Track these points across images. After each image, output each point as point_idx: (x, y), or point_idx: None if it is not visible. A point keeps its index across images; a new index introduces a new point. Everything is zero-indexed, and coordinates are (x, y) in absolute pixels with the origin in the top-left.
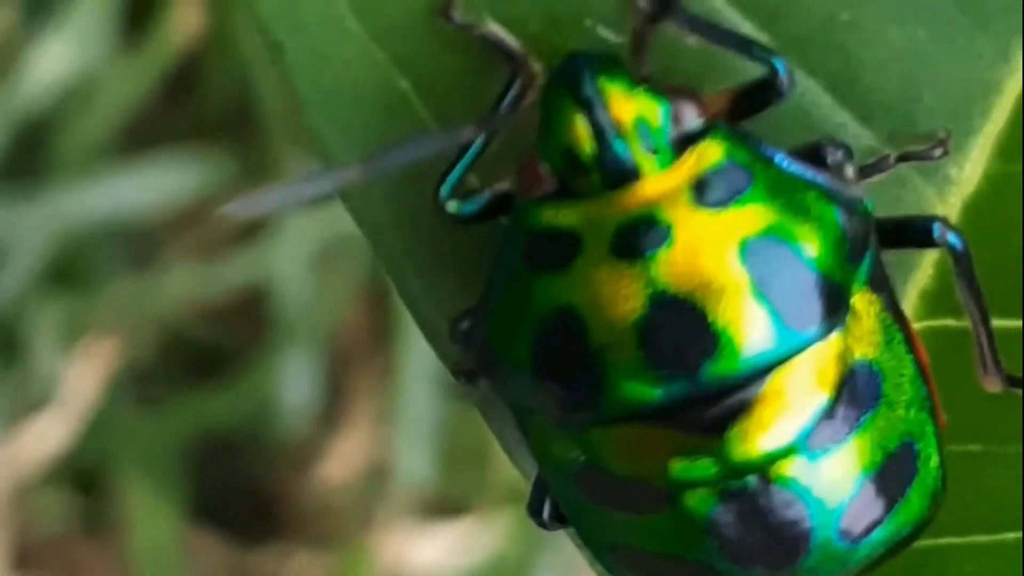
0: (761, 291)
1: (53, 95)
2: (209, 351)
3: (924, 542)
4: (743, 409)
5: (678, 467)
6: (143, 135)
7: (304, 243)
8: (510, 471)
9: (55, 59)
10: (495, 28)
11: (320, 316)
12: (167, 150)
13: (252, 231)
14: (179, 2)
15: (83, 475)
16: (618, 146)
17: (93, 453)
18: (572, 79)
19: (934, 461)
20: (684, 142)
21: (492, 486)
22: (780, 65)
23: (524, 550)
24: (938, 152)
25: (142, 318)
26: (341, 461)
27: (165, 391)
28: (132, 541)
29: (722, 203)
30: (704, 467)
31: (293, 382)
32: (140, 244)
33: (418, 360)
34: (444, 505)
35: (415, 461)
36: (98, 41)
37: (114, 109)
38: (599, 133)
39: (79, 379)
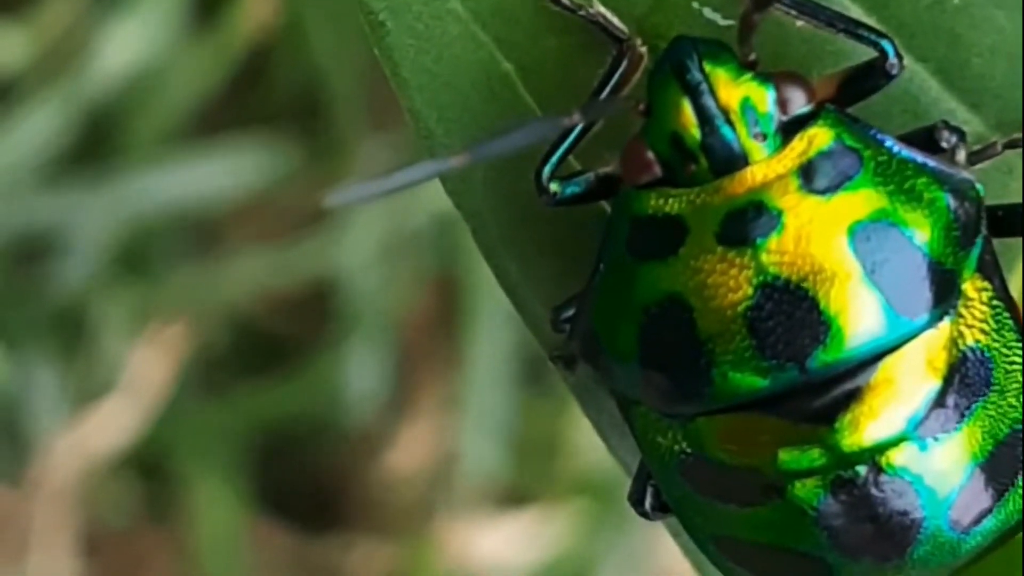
0: (872, 278)
1: (122, 83)
2: (276, 340)
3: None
4: (853, 397)
5: (786, 457)
6: (211, 123)
7: (372, 232)
8: (577, 462)
9: (124, 47)
10: (600, 10)
11: (387, 305)
12: (234, 138)
13: (319, 220)
14: None
15: (149, 463)
16: (725, 132)
17: (159, 441)
18: (679, 64)
19: None
20: (792, 127)
21: (559, 477)
22: (889, 47)
23: (590, 541)
24: None
25: (209, 306)
26: (407, 451)
27: (232, 380)
28: (197, 530)
29: (831, 188)
30: (813, 457)
31: (360, 372)
32: (207, 232)
33: (485, 349)
34: (510, 496)
35: (481, 451)
36: (167, 28)
37: (183, 97)
38: (706, 119)
39: (146, 367)
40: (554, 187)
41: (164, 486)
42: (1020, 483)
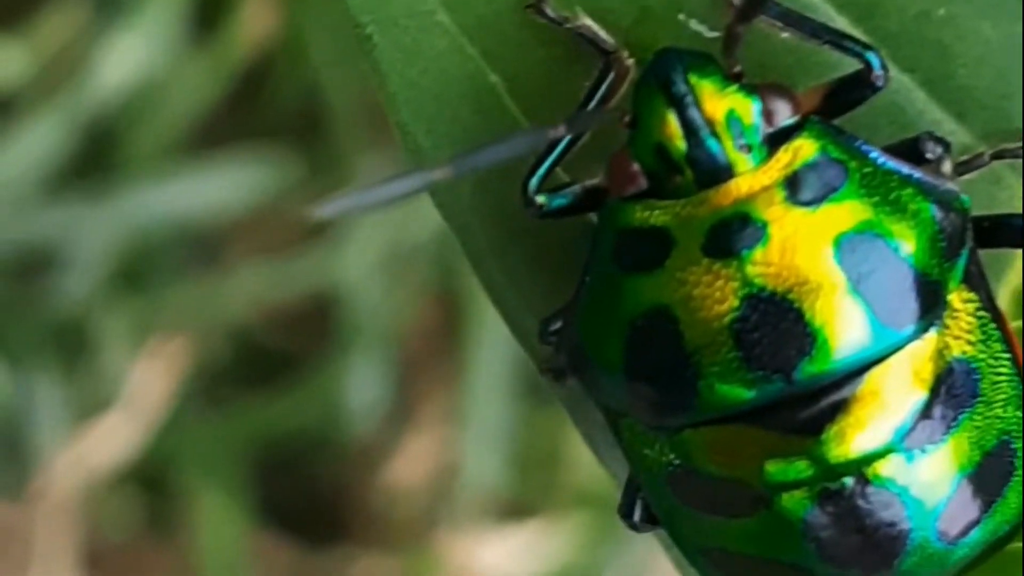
0: (857, 289)
1: (122, 97)
2: (277, 354)
3: (1013, 546)
4: (839, 409)
5: (773, 469)
6: (211, 137)
7: (372, 246)
8: (579, 474)
9: (124, 60)
10: (587, 22)
11: (388, 319)
12: (235, 152)
13: (320, 233)
14: (248, 4)
15: (151, 477)
16: (710, 144)
17: (161, 455)
18: (664, 76)
19: None
20: (778, 139)
21: (561, 489)
22: (874, 59)
23: (592, 554)
24: None
25: (209, 320)
26: (409, 464)
27: (233, 394)
28: (199, 544)
29: (817, 200)
30: (800, 468)
31: (361, 385)
32: (207, 246)
33: (487, 362)
34: (512, 509)
35: (483, 464)
36: (167, 42)
37: (182, 110)
38: (691, 131)
39: (147, 381)
40: (541, 199)
41: (166, 500)
42: (1008, 494)
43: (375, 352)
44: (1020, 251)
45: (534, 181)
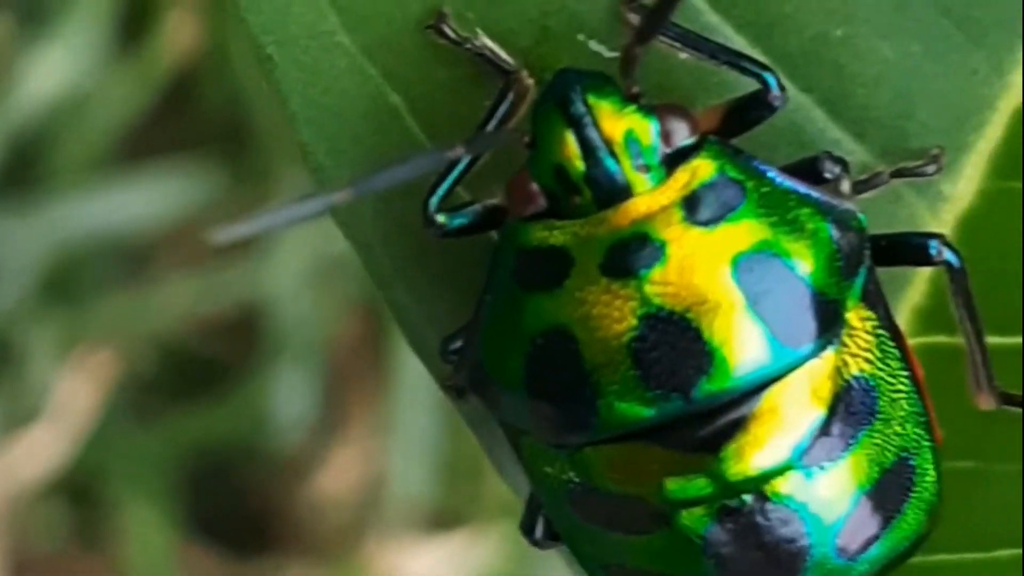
0: (755, 308)
1: (47, 109)
2: (205, 365)
3: (917, 560)
4: (738, 427)
5: (673, 486)
6: (137, 149)
7: (300, 257)
8: (505, 485)
9: (48, 71)
10: (487, 42)
11: (316, 330)
12: (160, 164)
13: (247, 245)
14: (172, 16)
15: (78, 489)
16: (609, 164)
17: (88, 466)
18: (562, 96)
19: (931, 476)
20: (676, 159)
21: (487, 499)
22: (771, 79)
23: (519, 564)
24: (931, 168)
25: (137, 331)
26: (336, 474)
27: (161, 405)
28: (127, 555)
29: (715, 220)
30: (699, 486)
31: (289, 395)
32: (134, 257)
33: (414, 374)
34: (439, 519)
35: (410, 474)
36: (91, 53)
37: (108, 123)
38: (589, 151)
39: (74, 392)
40: (441, 219)
41: (94, 511)
42: (907, 510)
43: (302, 363)
44: (918, 269)
45: (434, 200)
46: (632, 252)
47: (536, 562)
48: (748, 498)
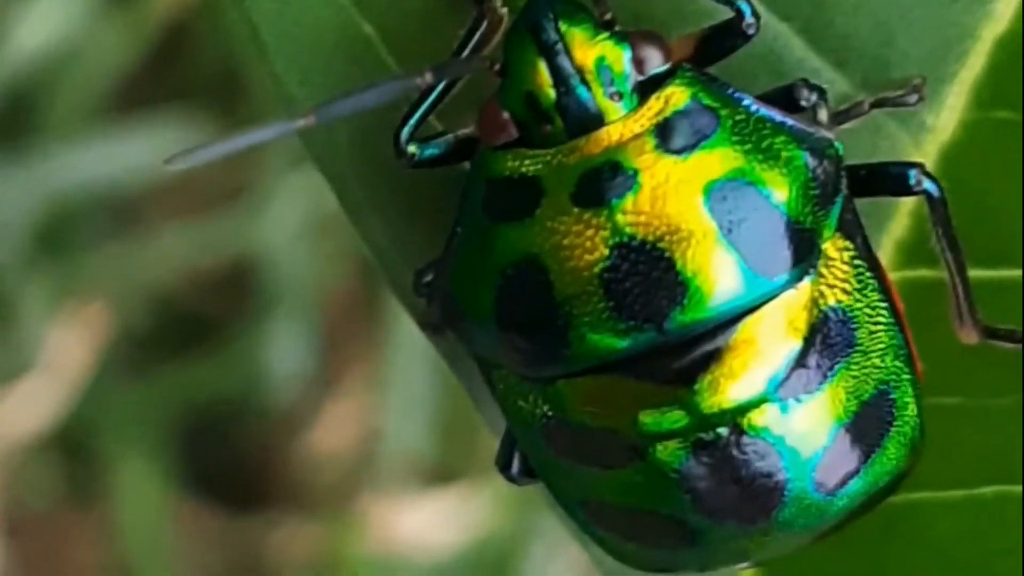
0: (728, 238)
1: (38, 62)
2: (199, 319)
3: (899, 498)
4: (713, 358)
5: (647, 419)
6: (130, 100)
7: (295, 210)
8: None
9: (40, 23)
10: None
11: (311, 284)
12: (153, 115)
13: (239, 196)
14: None
15: (71, 444)
16: (580, 92)
17: (81, 422)
18: (533, 24)
19: (911, 410)
20: (649, 87)
21: (483, 454)
22: (745, 7)
23: (517, 518)
24: (913, 98)
25: (130, 285)
26: (332, 430)
27: (154, 360)
28: (120, 511)
29: (688, 148)
30: (674, 418)
31: (284, 350)
32: (127, 210)
33: (409, 328)
34: (436, 474)
35: (405, 429)
36: (82, 6)
37: (100, 75)
38: (561, 79)
39: (66, 346)
40: (412, 149)
41: (87, 467)
42: (887, 444)
43: (297, 318)
44: (900, 201)
45: (405, 131)
46: (604, 181)
47: (533, 516)
48: (723, 431)
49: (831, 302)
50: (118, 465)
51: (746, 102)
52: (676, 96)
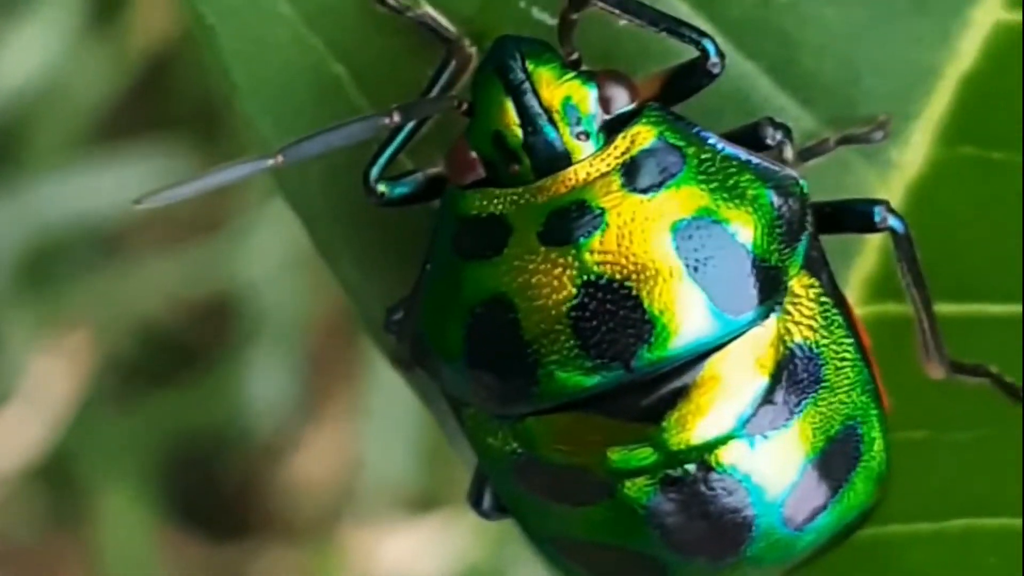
0: (695, 276)
1: (20, 91)
2: (182, 348)
3: (869, 531)
4: (680, 396)
5: (616, 456)
6: (112, 132)
7: (277, 240)
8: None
9: (23, 53)
10: (428, 10)
11: (293, 313)
12: (136, 146)
13: (222, 227)
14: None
15: (56, 474)
16: (547, 131)
17: (66, 451)
18: (501, 64)
19: (878, 445)
20: (615, 126)
21: (464, 483)
22: (710, 47)
23: (497, 548)
24: (879, 135)
25: (114, 314)
26: (313, 458)
27: (138, 389)
28: (105, 540)
29: (654, 187)
30: (642, 455)
31: (266, 379)
32: (110, 240)
33: None
34: (416, 502)
35: (387, 458)
36: (65, 37)
37: (82, 105)
38: (528, 118)
39: (50, 376)
40: (382, 187)
41: (71, 497)
42: (855, 479)
43: (280, 346)
44: (868, 238)
45: (375, 170)
46: (571, 220)
47: (514, 545)
48: (692, 467)
49: (797, 339)
50: (103, 494)
51: (712, 140)
52: (642, 135)
